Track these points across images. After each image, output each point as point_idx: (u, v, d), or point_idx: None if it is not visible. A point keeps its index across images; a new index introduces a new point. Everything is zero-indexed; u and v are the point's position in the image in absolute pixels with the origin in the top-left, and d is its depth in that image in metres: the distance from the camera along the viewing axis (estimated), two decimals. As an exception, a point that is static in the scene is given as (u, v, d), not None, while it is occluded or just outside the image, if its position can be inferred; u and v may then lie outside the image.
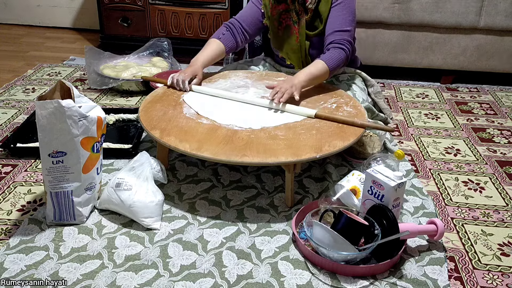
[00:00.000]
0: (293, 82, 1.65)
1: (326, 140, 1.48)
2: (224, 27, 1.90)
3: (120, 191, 1.41)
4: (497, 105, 2.39)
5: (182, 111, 1.65)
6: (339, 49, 1.73)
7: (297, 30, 1.84)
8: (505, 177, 1.75)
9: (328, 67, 1.70)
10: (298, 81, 1.66)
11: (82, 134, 1.33)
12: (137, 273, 1.24)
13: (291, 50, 1.89)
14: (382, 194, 1.34)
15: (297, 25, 1.83)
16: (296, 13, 1.82)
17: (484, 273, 1.30)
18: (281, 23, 1.86)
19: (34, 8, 3.51)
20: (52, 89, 1.37)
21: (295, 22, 1.83)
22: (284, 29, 1.86)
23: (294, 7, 1.81)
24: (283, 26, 1.86)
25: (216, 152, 1.41)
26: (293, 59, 1.91)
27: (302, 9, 1.80)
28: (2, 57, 2.92)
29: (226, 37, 1.87)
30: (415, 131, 2.09)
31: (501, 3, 2.41)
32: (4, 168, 1.71)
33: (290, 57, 1.91)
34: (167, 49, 2.65)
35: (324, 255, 1.27)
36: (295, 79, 1.67)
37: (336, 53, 1.73)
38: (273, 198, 1.57)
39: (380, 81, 2.63)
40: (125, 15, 2.90)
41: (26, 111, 2.17)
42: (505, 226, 1.49)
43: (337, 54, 1.72)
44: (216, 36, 1.88)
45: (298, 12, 1.81)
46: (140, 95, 2.37)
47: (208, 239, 1.38)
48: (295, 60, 1.91)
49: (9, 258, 1.28)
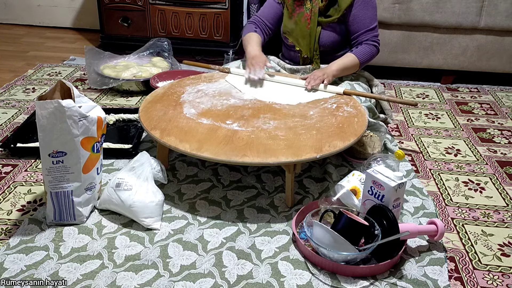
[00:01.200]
0: (325, 70, 1.82)
1: (326, 140, 1.48)
2: (251, 24, 2.03)
3: (120, 191, 1.41)
4: (497, 105, 2.39)
5: (182, 111, 1.65)
6: (371, 46, 1.87)
7: (309, 17, 1.88)
8: (505, 177, 1.75)
9: (359, 60, 1.84)
10: (330, 70, 1.82)
11: (82, 134, 1.33)
12: (137, 273, 1.24)
13: (301, 36, 1.93)
14: (382, 194, 1.34)
15: (310, 12, 1.88)
16: (310, 0, 1.87)
17: (484, 273, 1.30)
18: (295, 9, 1.92)
19: (35, 8, 3.51)
20: (52, 89, 1.37)
21: (307, 9, 1.88)
22: (297, 14, 1.91)
23: None
24: (296, 11, 1.91)
25: (216, 152, 1.41)
26: (302, 45, 1.94)
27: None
28: (2, 57, 2.92)
29: (258, 31, 2.02)
30: (416, 131, 2.09)
31: (502, 3, 2.41)
32: (4, 168, 1.71)
33: (299, 43, 1.95)
34: (167, 49, 2.65)
35: (324, 255, 1.27)
36: (327, 69, 1.83)
37: (368, 48, 1.86)
38: (273, 198, 1.57)
39: (380, 81, 2.61)
40: (126, 15, 2.90)
41: (26, 111, 2.17)
42: (505, 227, 1.49)
43: (369, 50, 1.86)
44: (251, 30, 2.01)
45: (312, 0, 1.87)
46: (140, 95, 2.37)
47: (208, 239, 1.38)
48: (304, 47, 1.94)
49: (9, 258, 1.28)
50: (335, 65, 1.84)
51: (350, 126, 1.57)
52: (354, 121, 1.61)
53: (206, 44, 2.93)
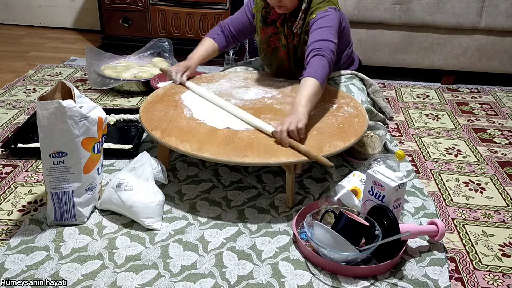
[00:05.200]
0: (297, 116, 1.47)
1: (326, 141, 1.48)
2: (218, 27, 1.97)
3: (120, 192, 1.41)
4: (498, 106, 2.39)
5: (182, 111, 1.65)
6: (318, 57, 1.60)
7: (285, 54, 1.85)
8: (506, 178, 1.75)
9: (317, 80, 1.55)
10: (301, 111, 1.49)
11: (83, 134, 1.33)
12: (138, 274, 1.24)
13: (281, 70, 1.92)
14: (382, 194, 1.34)
15: (286, 49, 1.83)
16: (285, 36, 1.80)
17: (485, 273, 1.30)
18: (270, 45, 1.86)
19: (35, 9, 3.52)
20: (53, 90, 1.37)
21: (284, 46, 1.83)
22: (273, 50, 1.87)
23: (283, 30, 1.79)
24: (271, 47, 1.87)
25: (216, 153, 1.41)
26: (284, 75, 1.93)
27: (291, 33, 1.79)
28: (3, 58, 2.92)
29: (220, 37, 1.96)
30: (416, 132, 2.09)
31: (502, 3, 2.41)
32: (5, 169, 1.71)
33: (279, 75, 1.94)
34: (168, 50, 2.65)
35: (324, 255, 1.27)
36: (298, 113, 1.48)
37: (317, 62, 1.59)
38: (273, 198, 1.57)
39: (380, 81, 2.63)
40: (126, 15, 2.90)
41: (27, 111, 2.17)
42: (506, 227, 1.49)
43: (319, 63, 1.58)
44: (210, 35, 1.96)
45: (287, 35, 1.80)
46: (141, 95, 2.37)
47: (208, 239, 1.38)
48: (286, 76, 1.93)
49: (9, 259, 1.28)
50: (303, 101, 1.51)
51: (350, 127, 1.57)
52: (354, 121, 1.61)
53: (207, 45, 2.92)
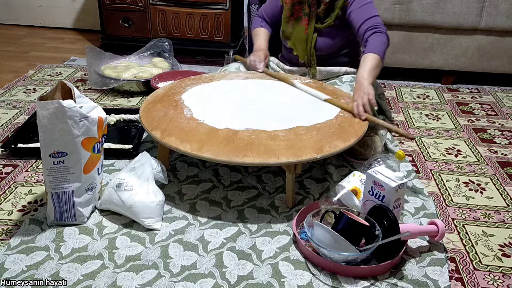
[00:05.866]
0: (363, 90, 1.64)
1: (326, 141, 1.48)
2: (258, 18, 2.10)
3: (121, 192, 1.41)
4: (498, 106, 2.39)
5: (183, 111, 1.65)
6: (377, 34, 1.77)
7: (306, 22, 1.90)
8: (506, 178, 1.75)
9: (378, 55, 1.73)
10: (366, 84, 1.66)
11: (83, 134, 1.33)
12: (138, 274, 1.24)
13: (298, 40, 1.95)
14: (383, 194, 1.34)
15: (307, 17, 1.89)
16: (308, 5, 1.88)
17: (485, 274, 1.30)
18: (293, 13, 1.93)
19: (35, 9, 3.52)
20: (53, 90, 1.37)
21: (305, 14, 1.89)
22: (295, 19, 1.93)
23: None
24: (294, 16, 1.93)
25: (217, 153, 1.41)
26: (299, 50, 1.97)
27: (315, 2, 1.87)
28: (3, 58, 2.93)
29: (266, 25, 2.08)
30: (416, 132, 2.09)
31: (502, 4, 2.41)
32: (5, 169, 1.71)
33: (296, 48, 1.97)
34: (168, 50, 2.65)
35: (324, 255, 1.27)
36: (363, 86, 1.66)
37: (377, 39, 1.76)
38: (273, 198, 1.57)
39: (381, 81, 2.63)
40: (126, 15, 2.91)
41: (27, 111, 2.17)
42: (506, 227, 1.49)
43: (379, 39, 1.76)
44: (258, 25, 2.08)
45: (311, 4, 1.88)
46: (141, 95, 2.37)
47: (208, 239, 1.38)
48: (301, 52, 1.97)
49: (9, 259, 1.28)
50: (365, 74, 1.68)
51: (350, 127, 1.57)
52: (354, 121, 1.61)
53: (207, 45, 2.93)
